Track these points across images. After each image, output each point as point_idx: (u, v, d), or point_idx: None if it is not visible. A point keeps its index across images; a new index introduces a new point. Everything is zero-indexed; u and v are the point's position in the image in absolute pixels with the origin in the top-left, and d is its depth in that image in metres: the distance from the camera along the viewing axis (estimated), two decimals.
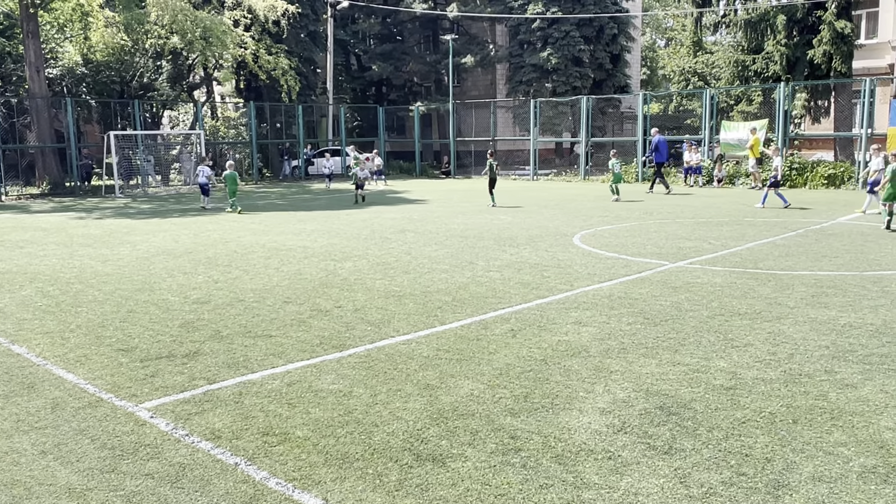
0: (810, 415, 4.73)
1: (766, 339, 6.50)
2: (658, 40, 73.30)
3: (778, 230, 13.76)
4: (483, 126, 39.05)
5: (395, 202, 22.34)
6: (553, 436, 4.48)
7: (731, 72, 32.80)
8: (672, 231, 13.94)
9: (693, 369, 5.68)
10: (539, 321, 7.29)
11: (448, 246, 12.54)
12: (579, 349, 6.30)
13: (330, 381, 5.61)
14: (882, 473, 3.89)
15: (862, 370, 5.58)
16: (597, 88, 39.88)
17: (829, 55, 28.65)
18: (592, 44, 39.77)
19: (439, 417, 4.82)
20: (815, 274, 9.44)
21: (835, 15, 28.26)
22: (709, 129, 28.41)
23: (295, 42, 36.17)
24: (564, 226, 15.07)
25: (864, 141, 24.54)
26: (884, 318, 7.10)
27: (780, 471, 3.95)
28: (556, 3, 38.95)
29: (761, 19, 30.82)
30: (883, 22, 35.71)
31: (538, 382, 5.47)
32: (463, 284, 9.20)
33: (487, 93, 44.73)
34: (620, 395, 5.16)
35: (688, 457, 4.15)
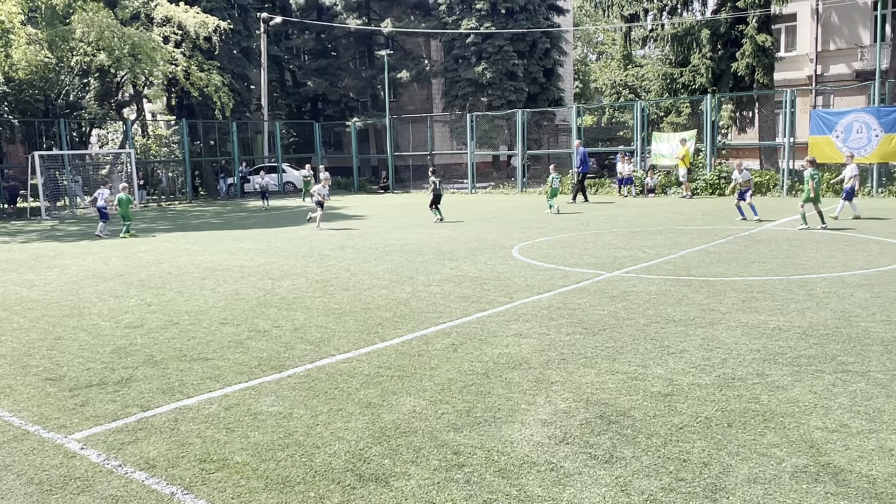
0: (744, 418, 4.85)
1: (700, 344, 6.66)
2: (590, 54, 74.90)
3: (709, 238, 14.16)
4: (420, 140, 39.19)
5: (334, 218, 22.16)
6: (496, 449, 4.48)
7: (661, 84, 33.73)
8: (608, 241, 14.19)
9: (631, 377, 5.78)
10: (480, 334, 7.31)
11: (388, 261, 12.50)
12: (520, 361, 6.34)
13: (269, 403, 5.51)
14: (813, 472, 4.02)
15: (791, 372, 5.76)
16: (531, 102, 40.48)
17: (751, 68, 29.73)
18: (526, 58, 40.39)
19: (381, 436, 4.77)
20: (745, 279, 9.74)
21: (756, 29, 29.37)
22: (641, 141, 29.10)
23: (228, 58, 35.67)
24: (503, 238, 15.19)
25: (788, 149, 25.50)
26: (810, 321, 7.36)
27: (717, 474, 4.04)
28: (489, 19, 39.43)
29: (687, 34, 31.82)
30: (801, 36, 37.28)
31: (480, 396, 5.48)
32: (403, 300, 9.16)
33: (424, 107, 44.93)
34: (561, 405, 5.21)
35: (628, 465, 4.20)
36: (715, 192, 25.82)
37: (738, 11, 30.00)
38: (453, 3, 40.81)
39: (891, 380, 5.49)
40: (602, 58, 69.17)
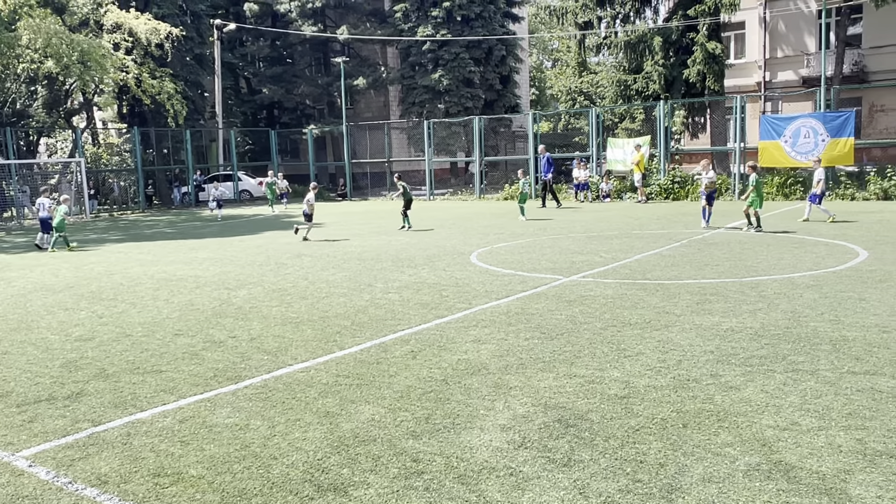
0: (699, 418, 4.93)
1: (655, 347, 6.75)
2: (545, 61, 75.69)
3: (664, 241, 14.38)
4: (378, 147, 39.11)
5: (291, 226, 21.96)
6: (455, 456, 4.48)
7: (615, 91, 34.24)
8: (565, 246, 14.32)
9: (588, 381, 5.83)
10: (439, 341, 7.31)
11: (346, 269, 12.42)
12: (479, 367, 6.35)
13: (225, 414, 5.42)
14: (765, 470, 4.10)
15: (744, 372, 5.87)
16: (488, 109, 40.71)
17: (702, 74, 30.35)
18: (482, 65, 40.63)
19: (340, 445, 4.73)
20: (699, 282, 9.91)
21: (706, 37, 30.00)
22: (596, 147, 29.46)
23: (180, 65, 35.19)
24: (461, 244, 15.23)
25: (739, 154, 26.06)
26: (762, 322, 7.52)
27: (673, 475, 4.09)
28: (445, 26, 39.58)
29: (640, 41, 32.36)
30: (749, 43, 38.19)
31: (439, 403, 5.47)
32: (362, 308, 9.12)
33: (381, 114, 44.86)
34: (520, 410, 5.23)
35: (586, 467, 4.23)
36: (669, 196, 26.26)
37: (689, 19, 30.61)
38: (409, 10, 40.88)
39: (839, 378, 5.63)
40: (557, 65, 69.99)
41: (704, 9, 29.79)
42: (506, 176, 37.84)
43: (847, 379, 5.61)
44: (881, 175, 23.75)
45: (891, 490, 3.80)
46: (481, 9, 40.30)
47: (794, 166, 24.84)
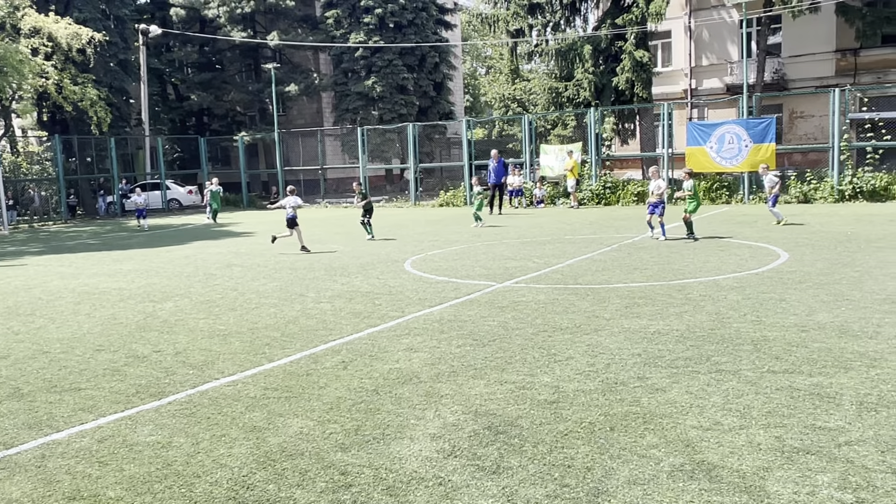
0: (625, 421, 4.99)
1: (585, 351, 6.83)
2: (479, 68, 76.30)
3: (595, 246, 14.61)
4: (311, 155, 38.73)
5: (221, 236, 21.53)
6: (384, 467, 4.42)
7: (547, 98, 34.70)
8: (499, 252, 14.41)
9: (519, 386, 5.85)
10: (370, 350, 7.23)
11: (277, 279, 12.22)
12: (411, 376, 6.30)
13: (147, 432, 5.24)
14: (688, 470, 4.17)
15: (670, 374, 5.99)
16: (422, 115, 40.78)
17: (631, 82, 31.05)
18: (416, 72, 40.70)
19: (266, 460, 4.62)
20: (629, 286, 10.09)
21: (634, 45, 30.71)
22: (529, 153, 29.80)
23: (104, 71, 34.15)
24: (395, 252, 15.17)
25: (667, 160, 26.73)
26: (688, 324, 7.70)
27: (600, 478, 4.13)
28: (378, 33, 39.50)
29: (570, 49, 32.92)
30: (676, 52, 39.27)
31: (369, 414, 5.40)
32: (292, 318, 8.97)
33: (314, 121, 44.45)
34: (451, 418, 5.21)
35: (515, 474, 4.23)
36: (601, 202, 26.73)
37: (617, 28, 31.28)
38: (341, 16, 40.66)
39: (759, 377, 5.80)
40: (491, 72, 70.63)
41: (632, 18, 30.51)
42: (441, 183, 37.95)
43: (767, 378, 5.78)
44: (801, 179, 24.70)
45: (806, 486, 3.92)
46: (414, 16, 40.40)
47: (719, 171, 25.62)
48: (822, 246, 13.14)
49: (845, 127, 24.55)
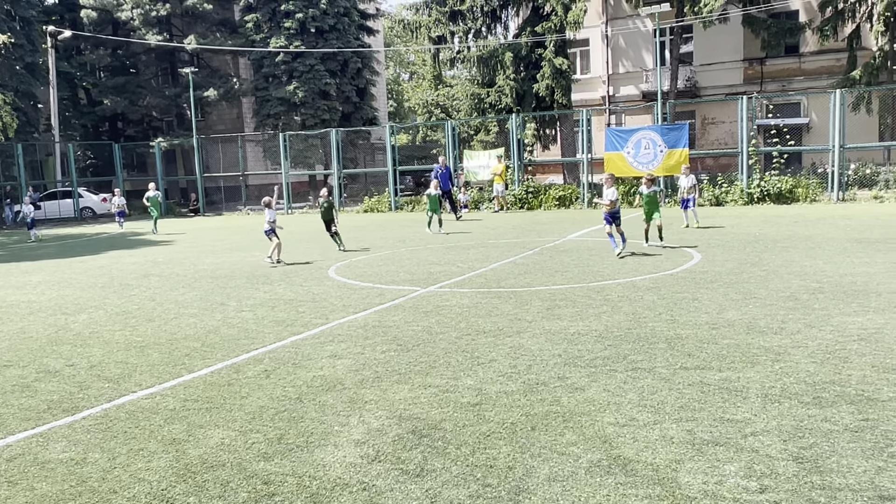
0: (546, 420, 5.12)
1: (507, 353, 6.95)
2: (402, 74, 76.42)
3: (518, 250, 14.85)
4: (232, 161, 37.98)
5: (138, 245, 20.89)
6: (308, 475, 4.41)
7: (470, 104, 35.07)
8: (423, 257, 14.48)
9: (443, 390, 5.91)
10: (294, 358, 7.17)
11: (197, 288, 11.95)
12: (335, 383, 6.29)
13: (60, 449, 5.06)
14: (605, 466, 4.31)
15: (588, 373, 6.16)
16: (345, 121, 40.53)
17: (551, 89, 31.69)
18: (338, 77, 40.42)
19: (186, 473, 4.53)
20: (550, 288, 10.31)
21: (553, 53, 31.36)
22: (453, 159, 30.02)
23: (10, 74, 32.71)
24: (320, 258, 15.05)
25: (587, 165, 27.38)
26: (606, 324, 7.92)
27: (521, 477, 4.22)
28: (299, 38, 39.06)
29: (492, 56, 33.36)
30: (594, 60, 40.27)
31: (293, 422, 5.36)
32: (213, 328, 8.80)
33: (234, 127, 43.62)
34: (375, 424, 5.22)
35: (438, 476, 4.29)
36: (524, 206, 27.16)
37: (537, 36, 31.88)
38: (261, 21, 40.05)
39: (672, 374, 6.03)
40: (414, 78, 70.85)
41: (551, 26, 31.16)
42: (365, 188, 37.81)
43: (680, 374, 6.01)
44: (713, 183, 25.71)
45: (715, 476, 4.11)
46: (335, 21, 40.12)
47: (636, 175, 26.39)
48: (733, 247, 13.72)
49: (753, 132, 25.68)
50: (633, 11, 36.31)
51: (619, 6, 37.99)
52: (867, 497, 3.77)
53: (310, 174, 41.45)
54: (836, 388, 5.47)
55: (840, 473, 4.05)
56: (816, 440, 4.53)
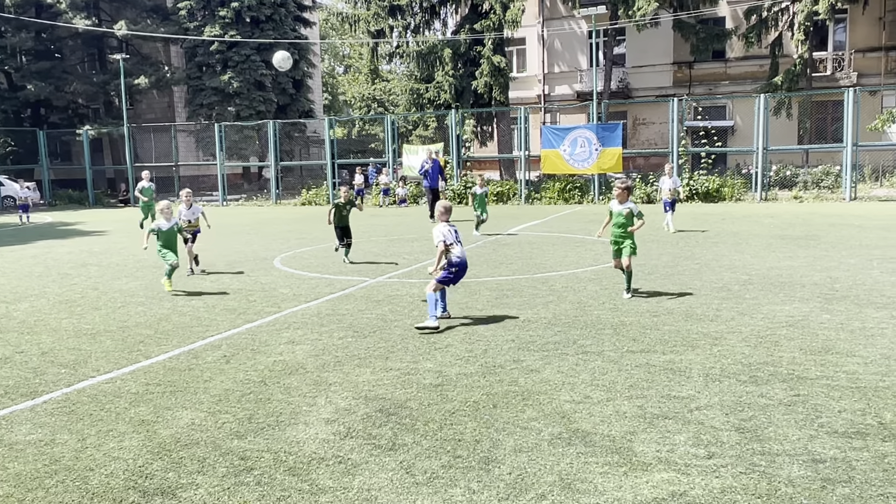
0: (506, 399, 5.40)
1: (463, 339, 7.21)
2: (337, 67, 75.86)
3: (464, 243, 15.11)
4: (163, 151, 37.18)
5: (68, 235, 20.33)
6: (283, 450, 4.57)
7: (408, 99, 35.21)
8: (368, 249, 14.62)
9: (404, 373, 6.13)
10: (252, 345, 7.27)
11: (141, 278, 11.82)
12: (296, 367, 6.43)
13: (26, 431, 5.06)
14: (566, 438, 4.62)
15: (542, 357, 6.48)
16: (282, 113, 40.16)
17: (489, 86, 32.11)
18: (274, 68, 40.00)
19: (161, 451, 4.63)
20: (496, 279, 10.63)
21: (491, 51, 31.78)
22: (392, 153, 30.15)
23: None
24: (263, 250, 15.02)
25: (524, 161, 27.92)
26: (553, 312, 8.28)
27: (488, 449, 4.49)
28: (234, 27, 38.51)
29: (430, 52, 33.58)
30: (530, 58, 40.96)
31: (260, 403, 5.50)
32: (164, 316, 8.78)
33: (166, 116, 42.63)
34: (342, 404, 5.40)
35: (410, 450, 4.51)
36: (462, 201, 27.51)
37: (476, 34, 32.26)
38: (194, 8, 39.31)
39: (620, 357, 6.40)
40: (350, 71, 70.45)
41: (489, 24, 31.58)
42: (302, 181, 37.57)
43: (627, 357, 6.39)
44: (645, 181, 26.60)
45: (666, 444, 4.46)
46: (272, 11, 39.71)
47: (572, 173, 27.10)
48: (666, 242, 14.34)
49: (682, 133, 26.68)
50: (568, 13, 37.15)
51: (555, 7, 38.78)
52: (802, 460, 4.18)
53: (244, 166, 40.90)
54: (769, 369, 5.93)
55: (777, 441, 4.46)
56: (755, 413, 4.95)
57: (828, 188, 26.33)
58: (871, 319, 7.49)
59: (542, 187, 27.80)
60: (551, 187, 27.27)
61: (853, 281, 9.65)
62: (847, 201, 23.99)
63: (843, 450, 4.30)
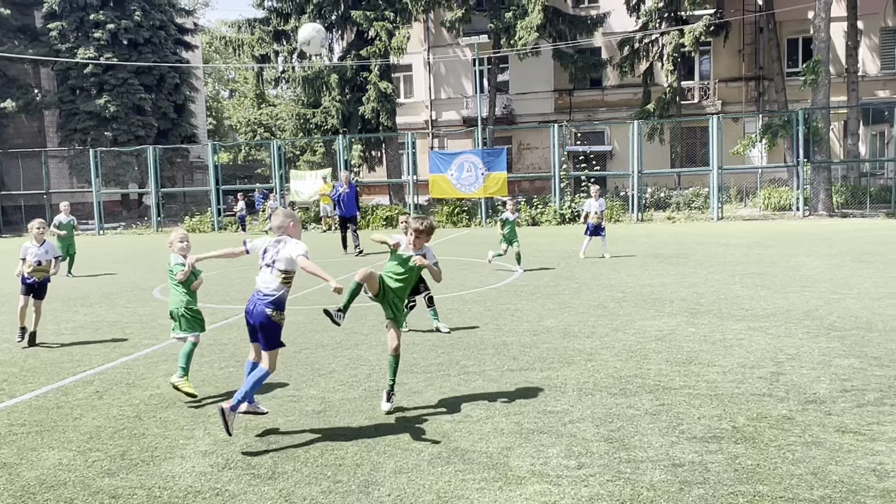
0: (388, 421, 5.46)
1: (347, 364, 7.23)
2: (222, 91, 74.26)
3: (349, 268, 15.11)
4: (33, 178, 35.16)
5: None
6: (157, 486, 4.44)
7: (295, 124, 34.95)
8: (253, 277, 14.32)
9: (288, 400, 6.09)
10: (127, 379, 7.01)
11: (5, 312, 11.14)
12: (174, 400, 6.25)
13: None
14: (445, 457, 4.72)
15: (425, 378, 6.59)
16: (162, 138, 38.91)
17: (377, 111, 32.32)
18: (154, 92, 38.79)
19: (24, 494, 4.40)
20: None
21: (378, 77, 32.03)
22: (279, 178, 29.78)
23: None
24: (142, 280, 14.48)
25: (412, 186, 28.21)
26: (438, 335, 8.42)
27: (369, 472, 4.53)
28: (111, 49, 37.14)
29: (317, 77, 33.52)
30: (417, 85, 41.54)
31: (134, 438, 5.32)
32: (31, 352, 8.33)
33: (35, 141, 40.38)
34: (221, 435, 5.30)
35: (290, 477, 4.49)
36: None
37: (362, 59, 32.45)
38: (66, 29, 37.64)
39: (500, 375, 6.60)
40: (236, 95, 69.13)
41: (375, 50, 31.86)
42: (185, 208, 36.45)
43: (507, 375, 6.59)
44: (529, 204, 27.43)
45: (540, 458, 4.64)
46: (151, 34, 38.56)
47: (460, 197, 27.60)
48: (549, 262, 14.85)
49: (564, 158, 27.76)
50: (453, 40, 37.98)
51: (440, 35, 39.58)
52: (663, 465, 4.45)
53: (123, 193, 39.27)
54: (638, 381, 6.27)
55: (642, 449, 4.73)
56: (623, 423, 5.22)
57: (698, 209, 28.00)
58: (730, 331, 8.04)
59: (430, 211, 28.16)
60: (440, 211, 27.67)
61: (717, 296, 10.32)
62: (715, 221, 25.58)
63: (700, 453, 4.61)
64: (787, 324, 8.32)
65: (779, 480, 4.18)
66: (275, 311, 5.43)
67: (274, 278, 5.50)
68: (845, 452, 4.55)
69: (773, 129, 26.59)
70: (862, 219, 24.54)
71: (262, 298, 5.46)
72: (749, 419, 5.21)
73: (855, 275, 11.81)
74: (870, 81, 35.33)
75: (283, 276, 5.49)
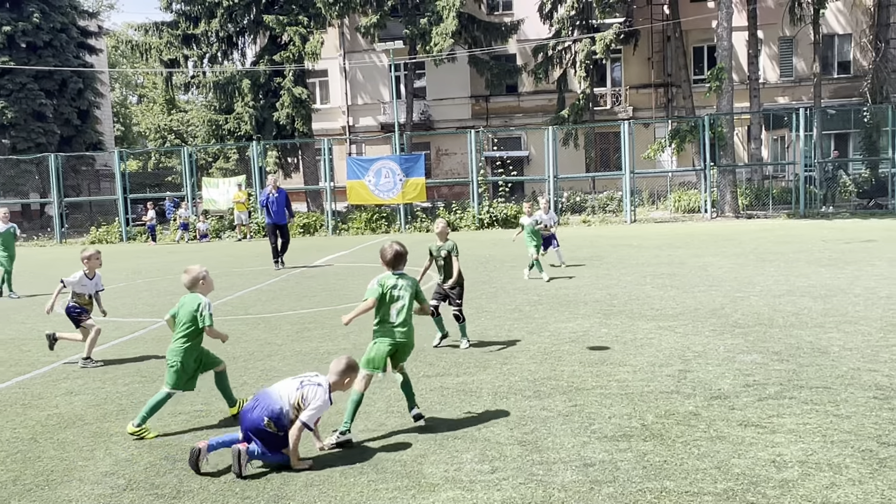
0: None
1: (259, 376, 7.05)
2: (130, 96, 71.76)
3: (264, 277, 14.81)
4: None
5: None
6: None
7: (207, 130, 34.09)
8: (163, 287, 13.90)
9: (194, 416, 5.88)
10: (22, 399, 6.63)
11: None
12: (74, 419, 5.94)
13: None
14: (358, 467, 4.64)
15: None
16: (66, 145, 37.28)
17: (291, 117, 31.86)
18: (56, 98, 37.15)
19: None
20: (299, 313, 10.50)
21: (292, 82, 31.60)
22: (191, 186, 28.94)
23: None
24: (43, 295, 13.76)
25: (330, 192, 27.91)
26: (353, 343, 8.32)
27: (279, 486, 4.40)
28: (7, 53, 35.38)
29: (229, 82, 32.80)
30: (333, 90, 41.17)
31: (28, 462, 5.02)
32: None
33: None
34: (123, 455, 5.07)
35: (196, 496, 4.32)
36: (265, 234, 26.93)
37: (276, 65, 31.94)
38: None
39: (416, 382, 6.52)
40: (144, 101, 66.91)
41: (289, 56, 31.41)
42: (91, 218, 34.98)
43: (423, 381, 6.56)
44: (448, 209, 27.53)
45: (454, 464, 4.62)
46: (51, 37, 36.94)
47: (378, 203, 27.47)
48: (467, 267, 14.84)
49: (481, 163, 28.01)
50: (368, 46, 37.81)
51: (356, 41, 39.35)
52: (575, 465, 4.50)
53: (23, 203, 37.41)
54: (552, 382, 6.34)
55: (554, 450, 4.77)
56: (536, 426, 5.26)
57: (612, 212, 28.73)
58: (641, 331, 8.24)
59: (348, 218, 27.93)
60: (358, 217, 27.47)
61: (629, 296, 10.58)
62: (628, 223, 26.29)
63: (610, 452, 4.69)
64: (694, 322, 8.59)
65: (685, 475, 4.28)
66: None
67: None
68: (747, 445, 4.71)
69: (681, 134, 27.53)
70: (765, 219, 25.69)
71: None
72: (657, 416, 5.33)
73: (758, 273, 12.32)
74: (770, 88, 37.11)
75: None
